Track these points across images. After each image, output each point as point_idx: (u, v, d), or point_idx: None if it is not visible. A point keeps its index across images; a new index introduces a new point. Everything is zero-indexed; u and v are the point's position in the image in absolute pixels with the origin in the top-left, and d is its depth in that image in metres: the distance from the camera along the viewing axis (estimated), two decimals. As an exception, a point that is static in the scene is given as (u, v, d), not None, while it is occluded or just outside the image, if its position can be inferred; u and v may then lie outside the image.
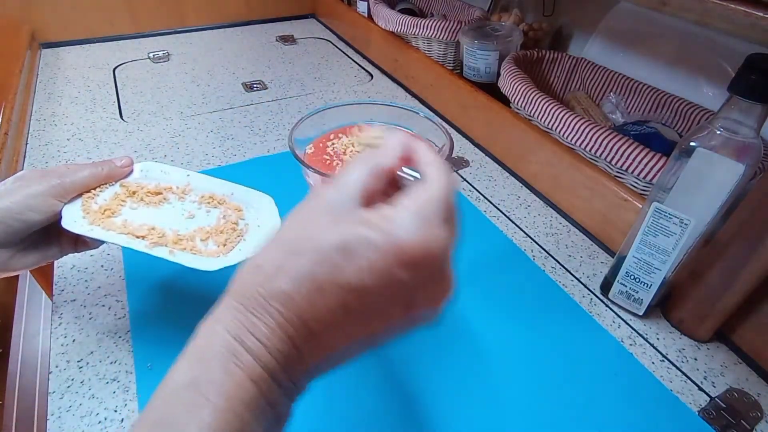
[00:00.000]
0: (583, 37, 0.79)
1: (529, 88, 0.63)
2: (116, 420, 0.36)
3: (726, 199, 0.36)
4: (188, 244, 0.35)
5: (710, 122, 0.36)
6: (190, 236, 0.36)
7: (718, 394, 0.41)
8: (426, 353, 0.42)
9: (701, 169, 0.36)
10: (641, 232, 0.42)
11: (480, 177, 0.67)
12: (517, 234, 0.57)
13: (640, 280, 0.44)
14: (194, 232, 0.36)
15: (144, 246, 0.34)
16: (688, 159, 0.36)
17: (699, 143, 0.36)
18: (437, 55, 0.86)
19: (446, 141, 0.35)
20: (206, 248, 0.35)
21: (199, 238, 0.36)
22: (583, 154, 0.58)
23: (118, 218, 0.36)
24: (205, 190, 0.40)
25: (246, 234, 0.37)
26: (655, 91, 0.66)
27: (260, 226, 0.38)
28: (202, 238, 0.36)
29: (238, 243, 0.36)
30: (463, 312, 0.46)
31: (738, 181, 0.35)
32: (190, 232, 0.36)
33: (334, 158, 0.38)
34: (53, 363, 0.40)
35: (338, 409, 0.38)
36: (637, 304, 0.46)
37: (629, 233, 0.44)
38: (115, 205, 0.37)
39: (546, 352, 0.43)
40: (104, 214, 0.36)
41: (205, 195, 0.40)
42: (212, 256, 0.35)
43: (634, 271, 0.44)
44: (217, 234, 0.36)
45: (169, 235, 0.36)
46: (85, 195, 0.36)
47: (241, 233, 0.37)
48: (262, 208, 0.39)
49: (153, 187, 0.39)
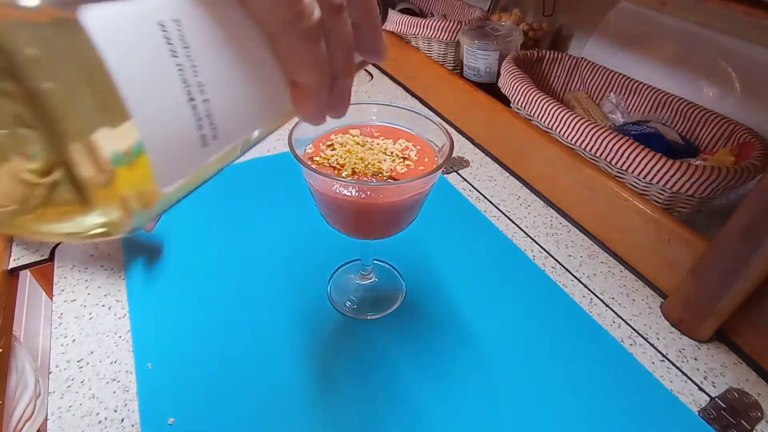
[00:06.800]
0: (583, 37, 0.79)
1: (529, 88, 0.63)
2: (116, 420, 0.36)
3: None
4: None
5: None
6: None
7: (718, 394, 0.41)
8: (425, 353, 0.42)
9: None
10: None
11: (480, 177, 0.67)
12: (517, 234, 0.57)
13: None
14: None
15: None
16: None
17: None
18: (437, 55, 0.86)
19: (446, 141, 0.35)
20: None
21: None
22: (583, 154, 0.58)
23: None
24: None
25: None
26: (655, 91, 0.66)
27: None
28: None
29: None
30: (462, 312, 0.46)
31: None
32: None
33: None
34: (53, 363, 0.40)
35: (338, 409, 0.38)
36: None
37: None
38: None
39: (546, 352, 0.43)
40: None
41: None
42: None
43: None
44: None
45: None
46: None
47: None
48: None
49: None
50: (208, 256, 0.50)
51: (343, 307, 0.46)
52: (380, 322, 0.45)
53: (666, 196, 0.51)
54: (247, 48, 0.17)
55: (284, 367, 0.40)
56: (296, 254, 0.51)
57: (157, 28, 0.14)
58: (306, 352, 0.42)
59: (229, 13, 0.16)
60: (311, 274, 0.49)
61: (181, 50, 0.15)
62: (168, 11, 0.14)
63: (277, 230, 0.54)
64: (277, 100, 0.19)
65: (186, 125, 0.15)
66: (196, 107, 0.15)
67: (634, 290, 0.51)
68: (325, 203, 0.35)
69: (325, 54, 0.18)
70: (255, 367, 0.40)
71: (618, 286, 0.51)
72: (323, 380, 0.40)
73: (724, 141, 0.59)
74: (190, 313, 0.44)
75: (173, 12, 0.15)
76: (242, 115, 0.18)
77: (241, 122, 0.18)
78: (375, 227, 0.37)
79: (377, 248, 0.51)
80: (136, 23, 0.14)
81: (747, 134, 0.55)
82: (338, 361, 0.41)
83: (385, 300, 0.47)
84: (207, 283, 0.47)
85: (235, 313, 0.45)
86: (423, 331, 0.44)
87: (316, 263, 0.50)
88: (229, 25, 0.16)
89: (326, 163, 0.35)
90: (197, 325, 0.43)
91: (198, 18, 0.15)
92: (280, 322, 0.44)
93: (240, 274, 0.49)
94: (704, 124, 0.61)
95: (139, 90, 0.14)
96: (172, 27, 0.14)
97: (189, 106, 0.15)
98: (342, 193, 0.32)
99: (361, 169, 0.34)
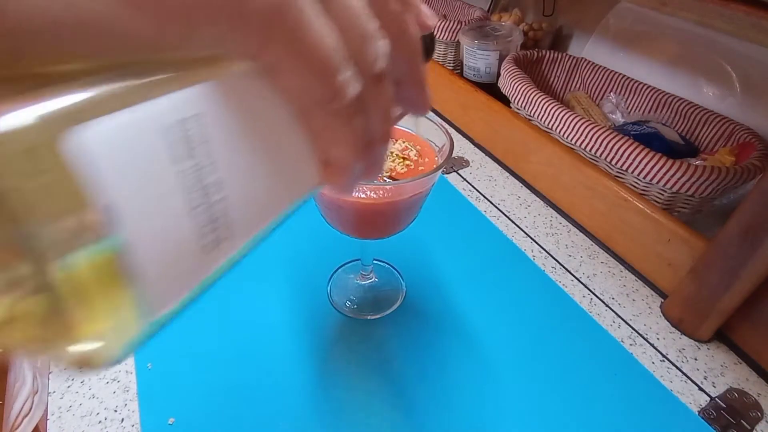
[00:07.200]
0: (583, 37, 0.79)
1: (529, 88, 0.63)
2: (116, 420, 0.36)
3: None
4: None
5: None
6: None
7: (718, 394, 0.41)
8: (425, 353, 0.42)
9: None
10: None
11: (480, 177, 0.67)
12: (517, 234, 0.57)
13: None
14: None
15: None
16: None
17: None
18: (437, 55, 0.86)
19: (446, 141, 0.35)
20: None
21: None
22: (583, 154, 0.58)
23: None
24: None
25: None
26: (655, 91, 0.66)
27: None
28: None
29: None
30: (462, 312, 0.46)
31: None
32: None
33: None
34: (53, 363, 0.40)
35: (338, 409, 0.38)
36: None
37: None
38: None
39: (546, 352, 0.43)
40: None
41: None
42: None
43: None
44: None
45: None
46: None
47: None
48: None
49: None
50: (208, 256, 0.50)
51: (343, 307, 0.46)
52: (380, 322, 0.45)
53: (666, 196, 0.51)
54: (273, 129, 0.15)
55: (284, 367, 0.40)
56: (296, 254, 0.51)
57: (172, 130, 0.12)
58: (306, 352, 0.42)
59: (253, 93, 0.14)
60: (311, 274, 0.49)
61: (198, 149, 0.12)
62: (183, 110, 0.12)
63: (276, 230, 0.54)
64: (305, 178, 0.17)
65: (189, 235, 0.13)
66: (210, 209, 0.13)
67: (634, 290, 0.51)
68: (325, 203, 0.36)
69: (362, 129, 0.16)
70: (255, 367, 0.40)
71: (618, 286, 0.51)
72: (323, 380, 0.40)
73: (724, 141, 0.59)
74: (190, 312, 0.44)
75: (191, 109, 0.12)
76: (263, 203, 0.16)
77: (262, 212, 0.16)
78: (375, 227, 0.37)
79: (377, 248, 0.51)
80: (140, 137, 0.11)
81: (747, 134, 0.55)
82: (338, 361, 0.41)
83: (385, 300, 0.47)
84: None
85: (235, 313, 0.45)
86: (423, 331, 0.44)
87: (316, 263, 0.50)
88: (253, 108, 0.14)
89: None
90: (197, 325, 0.43)
91: (214, 109, 0.13)
92: (280, 322, 0.44)
93: (240, 274, 0.49)
94: (704, 124, 0.61)
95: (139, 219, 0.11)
96: (188, 127, 0.12)
97: (195, 212, 0.13)
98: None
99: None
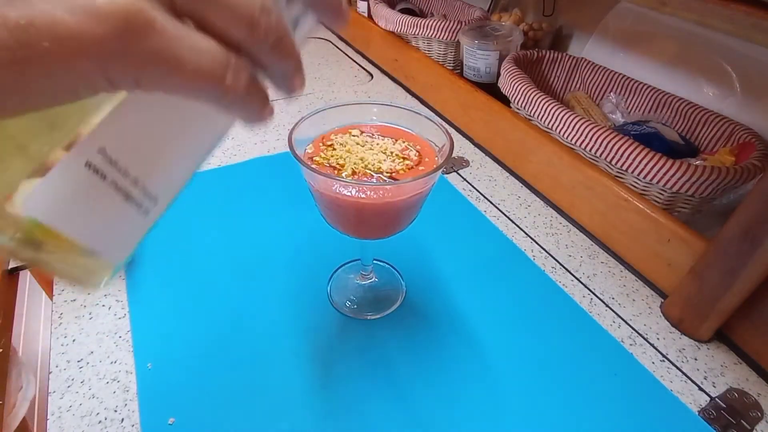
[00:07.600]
0: (583, 37, 0.79)
1: (529, 88, 0.63)
2: (116, 420, 0.36)
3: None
4: None
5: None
6: None
7: (718, 394, 0.41)
8: (425, 353, 0.42)
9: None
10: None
11: (480, 177, 0.67)
12: (517, 234, 0.57)
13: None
14: None
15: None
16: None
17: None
18: (437, 55, 0.86)
19: (446, 141, 0.35)
20: None
21: None
22: (583, 154, 0.58)
23: None
24: None
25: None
26: (655, 91, 0.66)
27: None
28: None
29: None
30: (462, 312, 0.46)
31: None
32: None
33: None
34: (53, 363, 0.40)
35: (338, 409, 0.38)
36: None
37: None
38: None
39: (546, 352, 0.43)
40: None
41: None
42: None
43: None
44: None
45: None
46: None
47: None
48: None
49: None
50: (208, 256, 0.50)
51: (343, 307, 0.46)
52: (380, 322, 0.45)
53: (666, 196, 0.51)
54: (173, 119, 0.18)
55: (284, 367, 0.40)
56: (296, 254, 0.51)
57: (85, 171, 0.15)
58: (306, 352, 0.42)
59: (146, 106, 0.16)
60: (311, 274, 0.49)
61: (110, 170, 0.16)
62: (88, 152, 0.15)
63: (277, 230, 0.54)
64: (217, 128, 0.20)
65: (127, 216, 0.17)
66: (133, 198, 0.17)
67: (634, 290, 0.51)
68: (325, 203, 0.35)
69: (265, 92, 0.18)
70: (255, 367, 0.40)
71: (618, 286, 0.51)
72: (323, 380, 0.40)
73: (724, 141, 0.59)
74: (190, 313, 0.44)
75: (94, 146, 0.15)
76: (175, 173, 0.19)
77: (176, 177, 0.19)
78: (375, 227, 0.37)
79: (377, 248, 0.51)
80: (64, 183, 0.15)
81: (747, 134, 0.55)
82: (338, 361, 0.41)
83: (385, 300, 0.47)
84: (207, 283, 0.47)
85: (235, 313, 0.45)
86: (423, 331, 0.44)
87: (316, 263, 0.50)
88: (151, 114, 0.17)
89: (326, 163, 0.35)
90: (197, 325, 0.43)
91: (118, 132, 0.16)
92: (280, 322, 0.44)
93: (240, 274, 0.49)
94: (704, 124, 0.61)
95: (94, 234, 0.16)
96: (99, 160, 0.15)
97: (127, 204, 0.17)
98: (342, 193, 0.32)
99: (361, 169, 0.34)
